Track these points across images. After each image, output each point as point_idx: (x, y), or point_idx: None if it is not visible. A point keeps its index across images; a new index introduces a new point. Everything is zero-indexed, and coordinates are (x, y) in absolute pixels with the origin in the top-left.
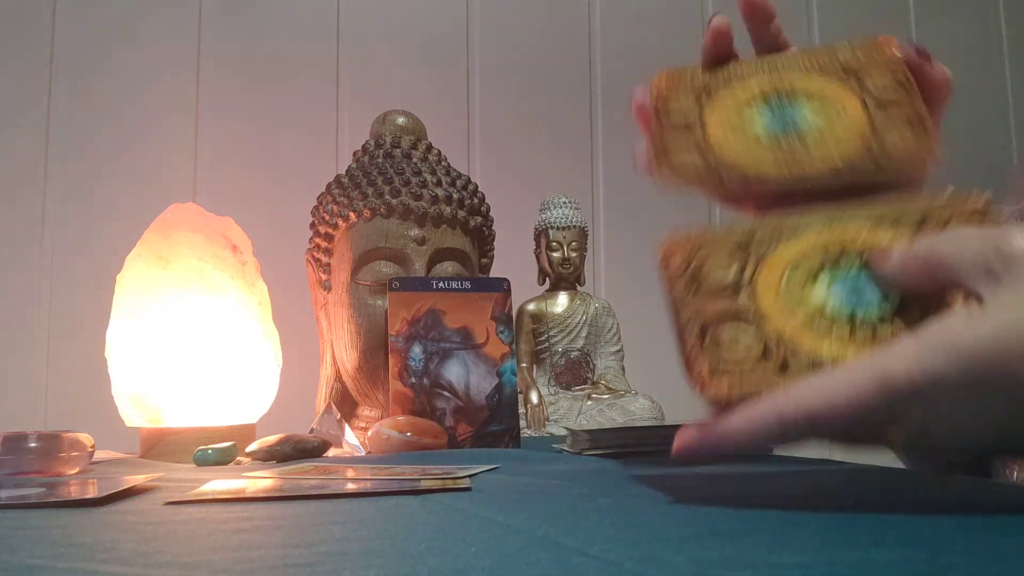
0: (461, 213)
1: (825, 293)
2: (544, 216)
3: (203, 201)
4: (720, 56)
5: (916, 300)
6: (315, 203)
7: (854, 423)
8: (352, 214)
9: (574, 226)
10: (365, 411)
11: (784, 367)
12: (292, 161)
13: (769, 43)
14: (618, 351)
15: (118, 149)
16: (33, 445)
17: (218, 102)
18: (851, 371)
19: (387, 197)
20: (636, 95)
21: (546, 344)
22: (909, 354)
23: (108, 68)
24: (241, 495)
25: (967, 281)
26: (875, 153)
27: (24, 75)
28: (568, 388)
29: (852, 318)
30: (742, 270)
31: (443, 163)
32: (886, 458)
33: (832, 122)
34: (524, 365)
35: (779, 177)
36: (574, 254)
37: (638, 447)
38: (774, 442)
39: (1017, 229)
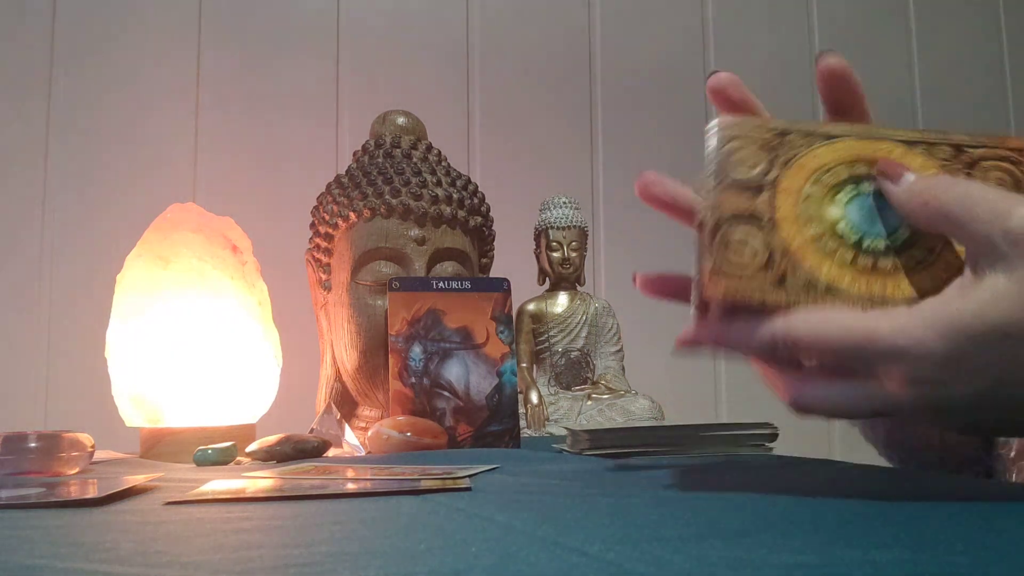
0: (461, 213)
1: (840, 212)
2: (544, 216)
3: (203, 201)
4: (838, 103)
5: (923, 239)
6: (315, 203)
7: (839, 362)
8: (352, 214)
9: (574, 226)
10: (365, 411)
11: (782, 280)
12: (292, 161)
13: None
14: (618, 351)
15: (118, 150)
16: (33, 445)
17: (218, 102)
18: (846, 317)
19: (387, 197)
20: (646, 180)
21: (546, 344)
22: (899, 320)
23: (108, 69)
24: (241, 495)
25: (968, 244)
26: None
27: (24, 73)
28: (568, 388)
29: (859, 243)
30: (767, 171)
31: (443, 163)
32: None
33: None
34: (524, 365)
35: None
36: (574, 254)
37: (638, 447)
38: (763, 354)
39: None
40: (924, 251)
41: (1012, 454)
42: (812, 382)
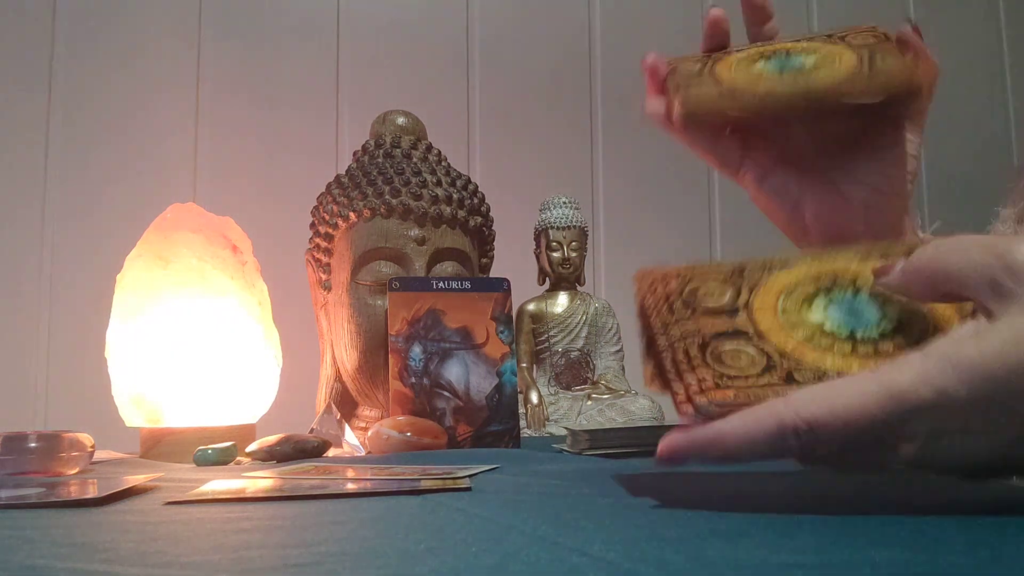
0: (461, 213)
1: (823, 315)
2: (544, 216)
3: (203, 201)
4: (717, 46)
5: (915, 317)
6: (315, 203)
7: (855, 436)
8: (352, 214)
9: (574, 226)
10: (365, 411)
11: (790, 378)
12: (292, 161)
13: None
14: (618, 351)
15: (118, 150)
16: (33, 445)
17: (218, 101)
18: (856, 383)
19: (387, 197)
20: (648, 57)
21: (546, 344)
22: (916, 369)
23: (108, 69)
24: (241, 495)
25: (973, 294)
26: (867, 72)
27: (24, 72)
28: (568, 388)
29: (852, 336)
30: (736, 296)
31: (443, 163)
32: None
33: (827, 60)
34: (524, 365)
35: (787, 93)
36: (574, 254)
37: (638, 447)
38: (769, 451)
39: (1022, 240)
40: (919, 330)
41: None
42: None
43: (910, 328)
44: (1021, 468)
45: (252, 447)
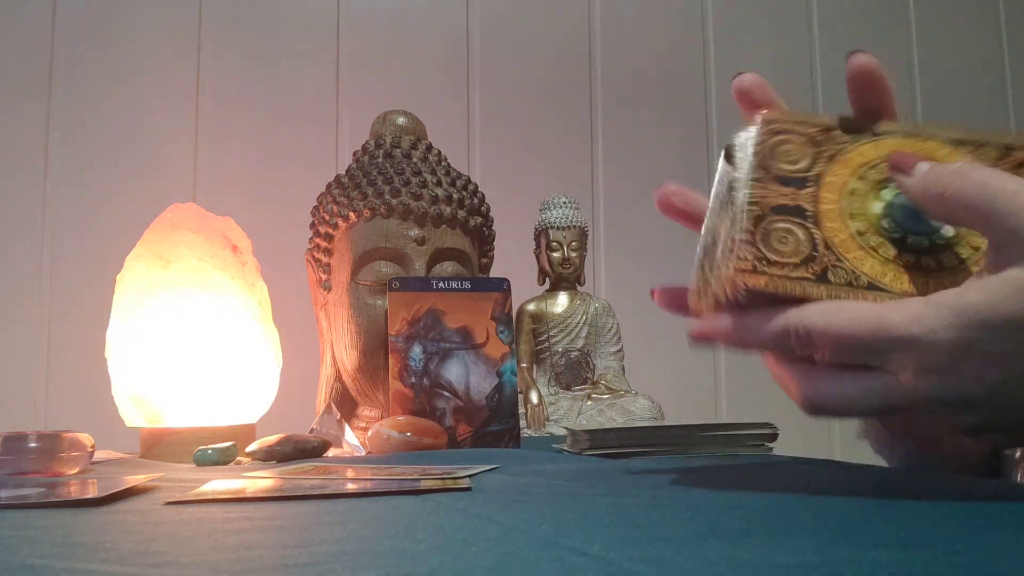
0: (461, 213)
1: (885, 209)
2: (544, 216)
3: (203, 201)
4: (868, 103)
5: (967, 237)
6: (315, 203)
7: (844, 352)
8: (352, 214)
9: (574, 226)
10: (365, 411)
11: (823, 275)
12: (292, 161)
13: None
14: (618, 351)
15: (118, 150)
16: (33, 445)
17: (218, 102)
18: (861, 307)
19: (387, 197)
20: (744, 80)
21: (546, 344)
22: (913, 309)
23: (108, 69)
24: (241, 495)
25: (992, 238)
26: None
27: (24, 73)
28: (568, 388)
29: (902, 241)
30: (812, 163)
31: (443, 163)
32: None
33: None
34: (524, 365)
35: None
36: (574, 254)
37: (638, 447)
38: (775, 346)
39: None
40: (969, 249)
41: (1018, 455)
42: (824, 378)
43: (951, 253)
44: (1013, 432)
45: (252, 447)
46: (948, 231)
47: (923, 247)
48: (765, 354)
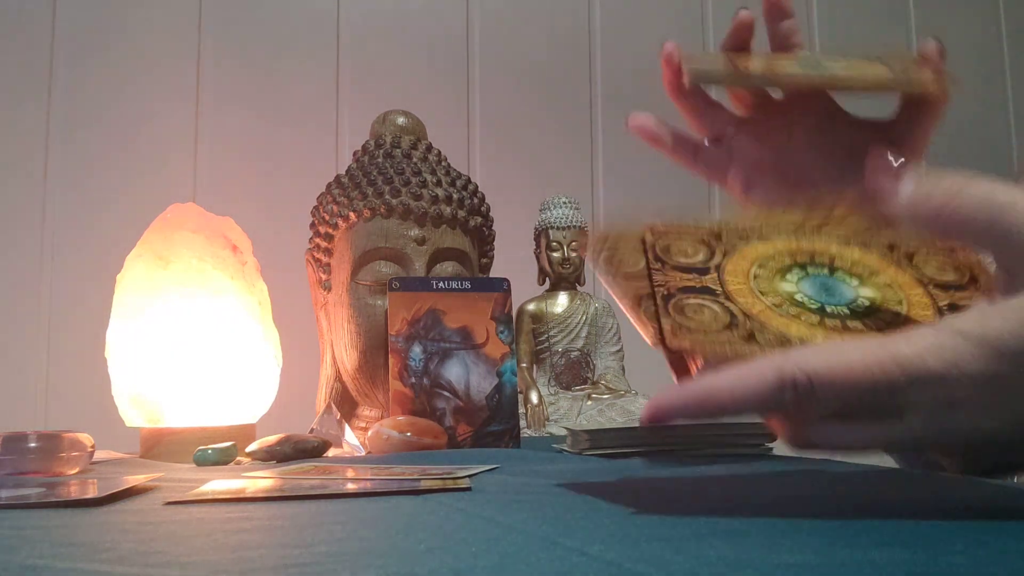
0: (461, 213)
1: (795, 287)
2: (544, 216)
3: (203, 201)
4: (738, 47)
5: (888, 304)
6: (315, 203)
7: (855, 396)
8: (352, 214)
9: (574, 226)
10: (365, 411)
11: (751, 337)
12: (292, 161)
13: (782, 41)
14: (618, 351)
15: (118, 150)
16: (33, 445)
17: (218, 102)
18: (862, 345)
19: (387, 197)
20: (667, 45)
21: (546, 344)
22: (926, 340)
23: (108, 69)
24: (241, 495)
25: (1001, 257)
26: (894, 77)
27: (24, 74)
28: (568, 388)
29: (821, 310)
30: (709, 257)
31: (443, 163)
32: (885, 459)
33: (856, 67)
34: (524, 365)
35: (808, 77)
36: (574, 254)
37: (638, 447)
38: (764, 404)
39: None
40: (891, 314)
41: None
42: (822, 425)
43: (881, 314)
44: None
45: (252, 447)
46: (863, 302)
47: (845, 314)
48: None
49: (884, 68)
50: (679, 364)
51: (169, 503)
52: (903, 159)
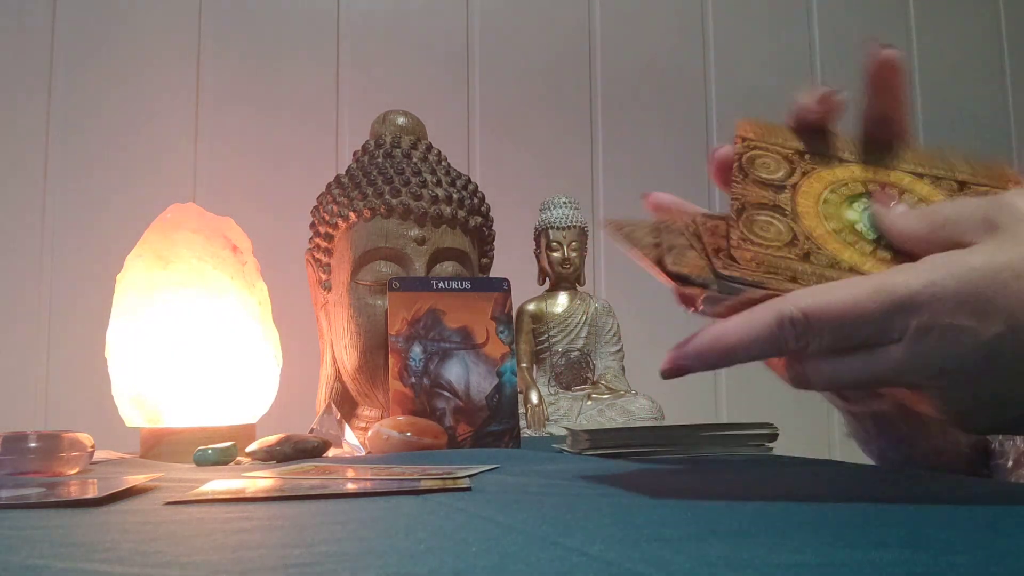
0: (461, 213)
1: (858, 215)
2: (544, 216)
3: (203, 201)
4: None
5: None
6: (315, 203)
7: (848, 328)
8: (352, 214)
9: (574, 226)
10: (365, 411)
11: (807, 256)
12: (292, 161)
13: (879, 123)
14: (618, 351)
15: (118, 150)
16: (33, 445)
17: (218, 102)
18: (852, 282)
19: (387, 197)
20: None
21: (546, 344)
22: (908, 269)
23: (108, 69)
24: (241, 495)
25: (968, 236)
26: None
27: (24, 73)
28: (568, 388)
29: (877, 241)
30: (789, 174)
31: (443, 163)
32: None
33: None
34: (524, 365)
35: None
36: (574, 254)
37: (638, 447)
38: (768, 344)
39: (1018, 193)
40: None
41: (1010, 463)
42: (819, 359)
43: None
44: (1018, 421)
45: (252, 447)
46: None
47: (893, 252)
48: (753, 353)
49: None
50: (685, 297)
51: (169, 503)
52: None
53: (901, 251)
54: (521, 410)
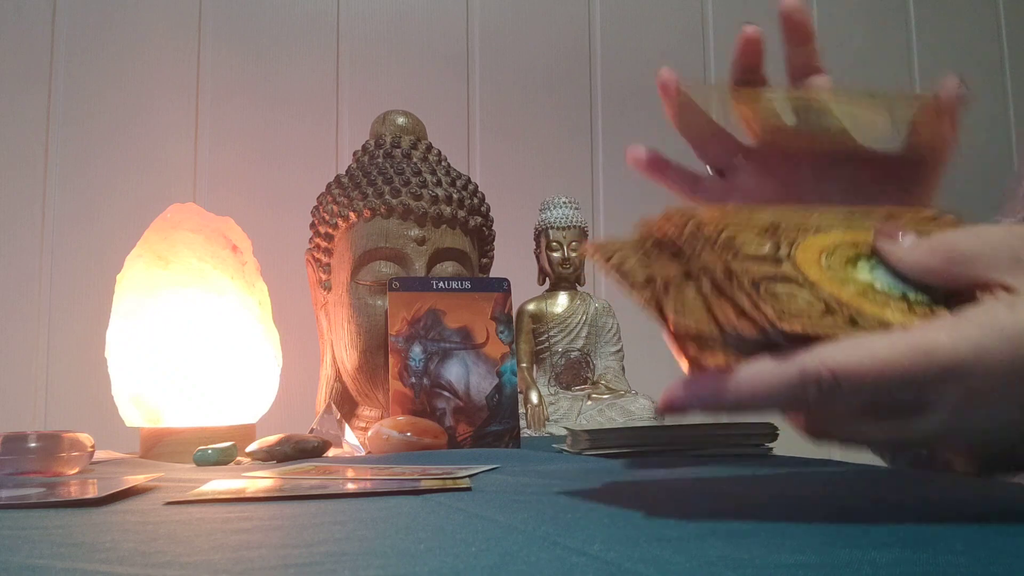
0: (461, 213)
1: (870, 275)
2: (544, 216)
3: (203, 201)
4: (747, 67)
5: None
6: (315, 203)
7: (882, 391)
8: (352, 214)
9: (574, 226)
10: (365, 411)
11: (853, 323)
12: (292, 161)
13: (801, 65)
14: (618, 351)
15: (118, 149)
16: (33, 445)
17: (218, 101)
18: (888, 338)
19: (387, 197)
20: (662, 73)
21: (546, 344)
22: (953, 329)
23: (108, 69)
24: (241, 495)
25: (995, 274)
26: (894, 127)
27: (23, 72)
28: (568, 388)
29: (905, 297)
30: (776, 249)
31: (443, 163)
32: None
33: (853, 119)
34: (524, 365)
35: (799, 130)
36: (574, 254)
37: (638, 447)
38: (784, 400)
39: None
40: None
41: None
42: (844, 418)
43: (955, 298)
44: None
45: (252, 447)
46: (939, 289)
47: (926, 301)
48: (768, 406)
49: (886, 116)
50: (691, 356)
51: (169, 503)
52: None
53: (931, 290)
54: (521, 410)
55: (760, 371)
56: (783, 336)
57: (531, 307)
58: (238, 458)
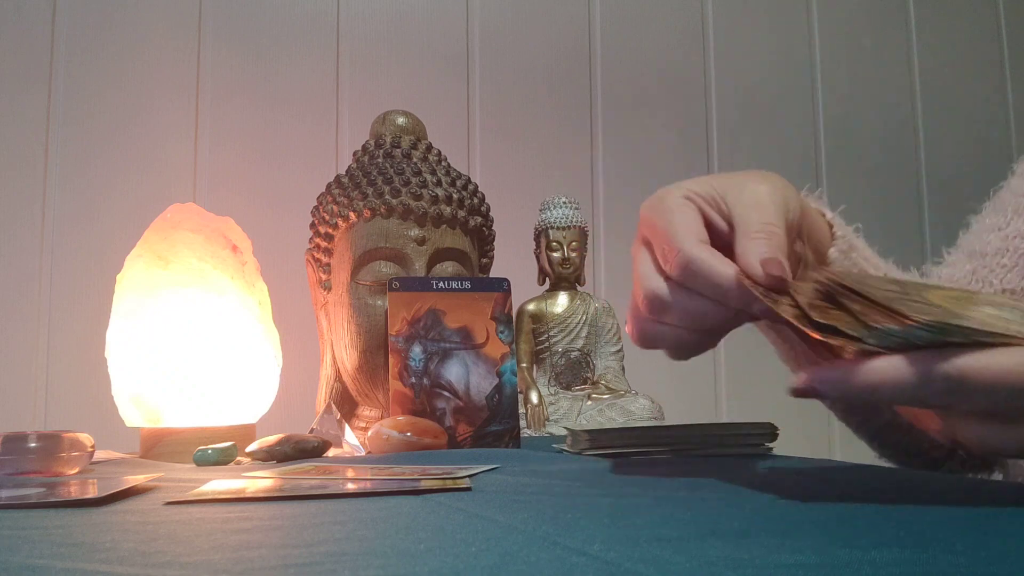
0: (461, 213)
1: (989, 308)
2: (544, 216)
3: (203, 200)
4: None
5: None
6: (315, 203)
7: (1002, 397)
8: (352, 214)
9: (574, 226)
10: (365, 411)
11: (979, 332)
12: (292, 161)
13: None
14: (618, 351)
15: (118, 149)
16: (33, 445)
17: (218, 101)
18: (1012, 350)
19: (387, 197)
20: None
21: (546, 344)
22: None
23: (108, 69)
24: (241, 495)
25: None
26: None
27: (23, 72)
28: (568, 388)
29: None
30: (903, 290)
31: (443, 163)
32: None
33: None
34: (524, 365)
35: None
36: (574, 254)
37: (638, 447)
38: (913, 392)
39: None
40: None
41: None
42: (970, 420)
43: None
44: None
45: (252, 447)
46: None
47: None
48: (898, 401)
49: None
50: (828, 349)
51: (169, 503)
52: None
53: None
54: (521, 410)
55: (890, 362)
56: (921, 328)
57: (531, 307)
58: (238, 458)
